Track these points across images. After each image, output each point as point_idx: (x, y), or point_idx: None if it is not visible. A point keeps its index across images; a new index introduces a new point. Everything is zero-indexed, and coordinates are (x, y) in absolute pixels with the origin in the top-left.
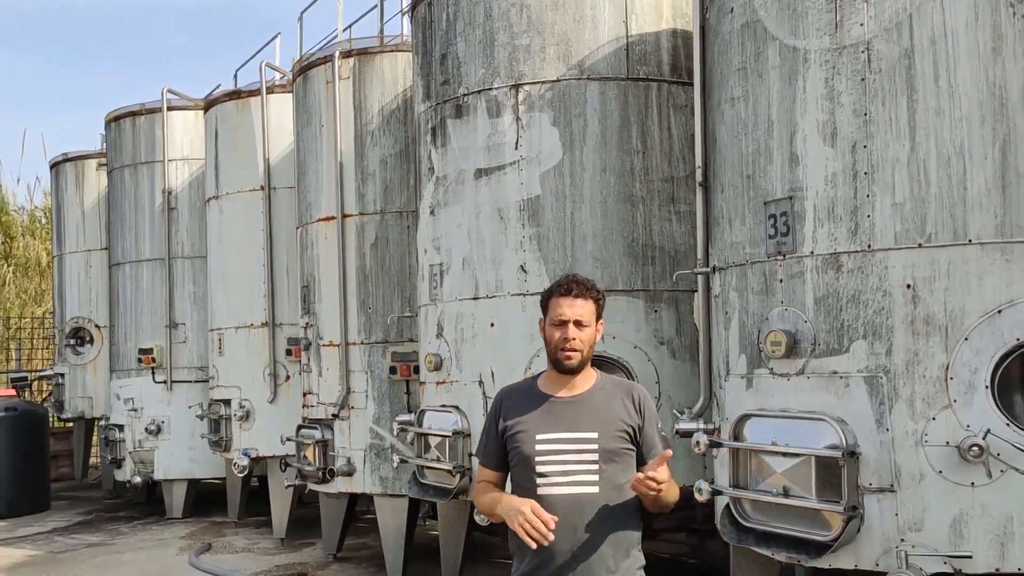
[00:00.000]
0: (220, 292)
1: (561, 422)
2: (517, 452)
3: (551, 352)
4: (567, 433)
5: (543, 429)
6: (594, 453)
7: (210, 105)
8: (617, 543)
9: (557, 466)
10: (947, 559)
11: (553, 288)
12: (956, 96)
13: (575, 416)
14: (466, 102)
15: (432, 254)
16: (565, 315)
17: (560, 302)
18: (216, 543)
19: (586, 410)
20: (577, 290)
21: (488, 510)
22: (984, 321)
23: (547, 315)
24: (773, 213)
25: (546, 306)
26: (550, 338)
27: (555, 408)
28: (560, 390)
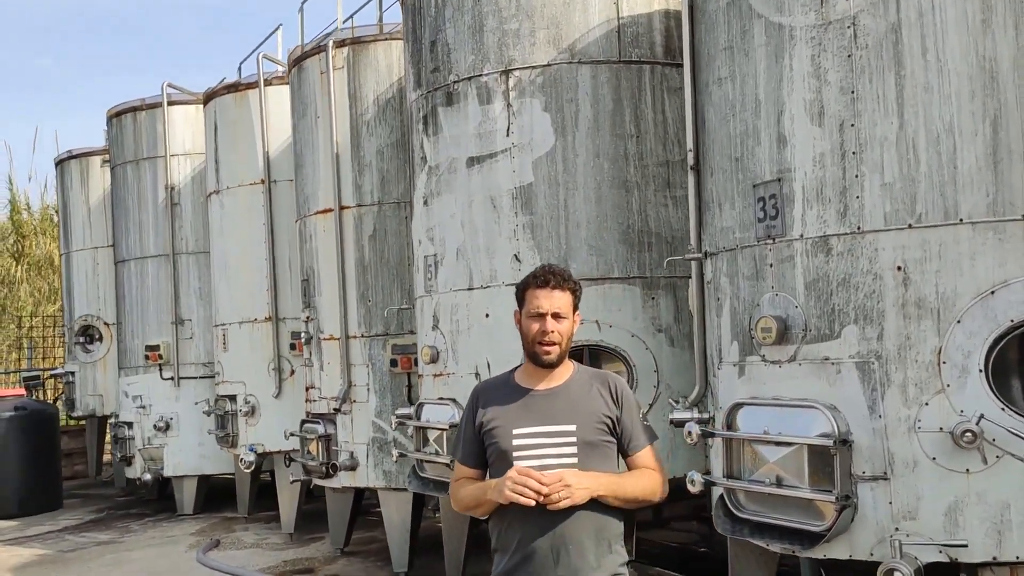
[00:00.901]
0: (223, 287)
1: (538, 415)
2: (495, 447)
3: (528, 346)
4: (544, 426)
5: (520, 423)
6: (572, 446)
7: (208, 99)
8: (599, 538)
9: (535, 460)
10: (942, 548)
11: (529, 279)
12: (945, 71)
13: (552, 409)
14: (456, 89)
15: (426, 245)
16: (543, 307)
17: (537, 294)
18: (225, 539)
19: (563, 402)
20: (554, 281)
21: (475, 501)
22: (977, 303)
23: (523, 307)
24: (762, 196)
25: (522, 298)
26: (527, 331)
27: (532, 401)
28: (537, 383)
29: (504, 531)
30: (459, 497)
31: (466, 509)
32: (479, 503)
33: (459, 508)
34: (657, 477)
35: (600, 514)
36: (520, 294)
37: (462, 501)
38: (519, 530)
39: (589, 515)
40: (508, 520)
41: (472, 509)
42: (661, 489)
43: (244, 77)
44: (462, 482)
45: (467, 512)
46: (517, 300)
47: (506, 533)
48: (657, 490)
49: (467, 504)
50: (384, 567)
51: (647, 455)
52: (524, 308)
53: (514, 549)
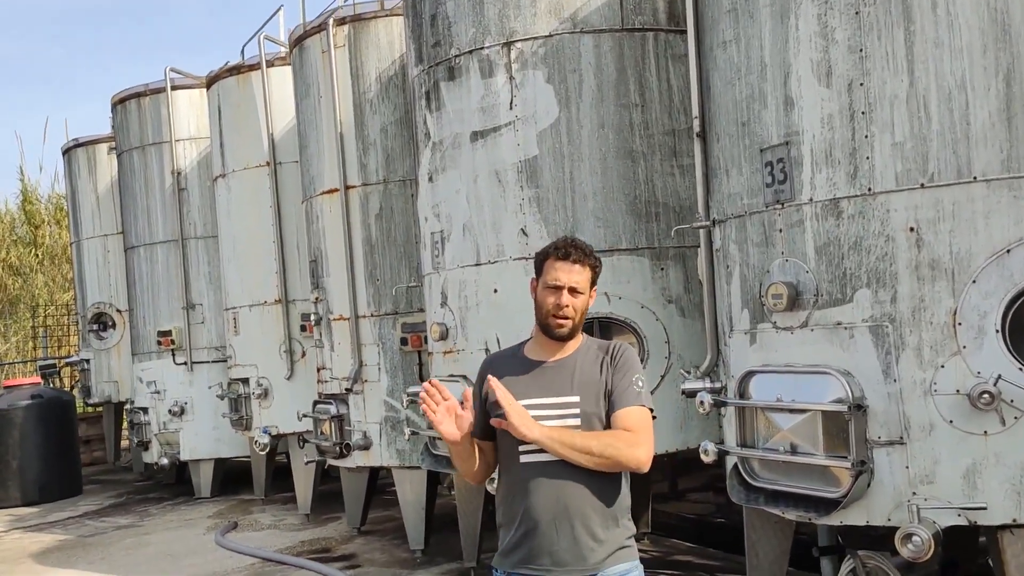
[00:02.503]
0: (232, 271)
1: (544, 387)
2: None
3: (542, 317)
4: (549, 398)
5: (524, 395)
6: (576, 418)
7: (211, 82)
8: (604, 511)
9: None
10: (961, 511)
11: (550, 250)
12: (956, 25)
13: (558, 380)
14: (458, 63)
15: (432, 221)
16: (561, 280)
17: (556, 266)
18: (243, 521)
19: (568, 373)
20: (576, 255)
21: (459, 461)
22: (992, 262)
23: (541, 277)
24: (770, 160)
25: (540, 267)
26: (542, 302)
27: (540, 373)
28: (547, 355)
29: (507, 506)
30: (457, 465)
31: (466, 472)
32: (459, 458)
33: (464, 474)
34: (628, 437)
35: (605, 486)
36: (539, 263)
37: (459, 467)
38: (520, 504)
39: (593, 486)
40: (510, 494)
41: (466, 468)
42: (635, 454)
43: (246, 59)
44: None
45: (469, 476)
46: (536, 268)
47: (508, 507)
48: (627, 452)
49: (461, 468)
50: (401, 545)
51: (626, 415)
52: (541, 278)
53: (517, 524)
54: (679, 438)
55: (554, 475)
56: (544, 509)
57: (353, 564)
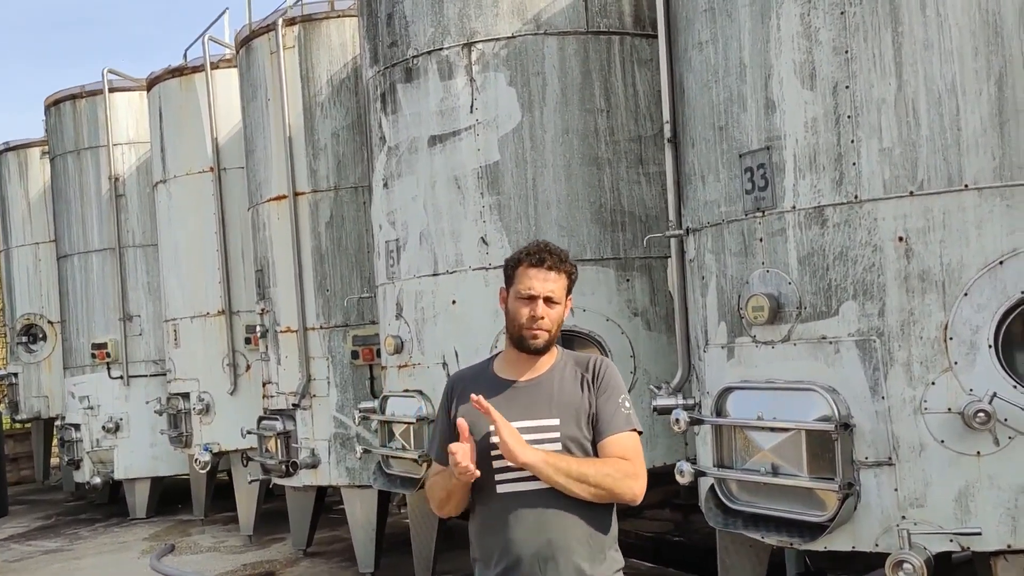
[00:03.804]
0: (173, 281)
1: (519, 409)
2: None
3: (514, 330)
4: (525, 421)
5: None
6: (556, 442)
7: (152, 84)
8: (591, 543)
9: None
10: (953, 536)
11: (522, 256)
12: (946, 26)
13: (533, 401)
14: (416, 64)
15: (387, 229)
16: (535, 290)
17: (530, 273)
18: (181, 543)
19: (545, 394)
20: (551, 261)
21: (445, 492)
22: (985, 274)
23: (512, 286)
24: (749, 166)
25: (511, 275)
26: (515, 314)
27: (512, 394)
28: (518, 373)
29: (483, 539)
30: (431, 494)
31: (441, 506)
32: (449, 493)
33: (435, 508)
34: (625, 467)
35: (592, 516)
36: (510, 271)
37: (435, 497)
38: (500, 538)
39: (579, 517)
40: (487, 527)
41: (446, 503)
42: (631, 485)
43: (190, 61)
44: (432, 479)
45: (443, 511)
46: (506, 276)
47: (486, 540)
48: (624, 484)
49: (439, 499)
50: (350, 568)
51: (617, 442)
52: (513, 287)
53: (497, 559)
54: (645, 456)
55: (537, 505)
56: (526, 543)
57: None
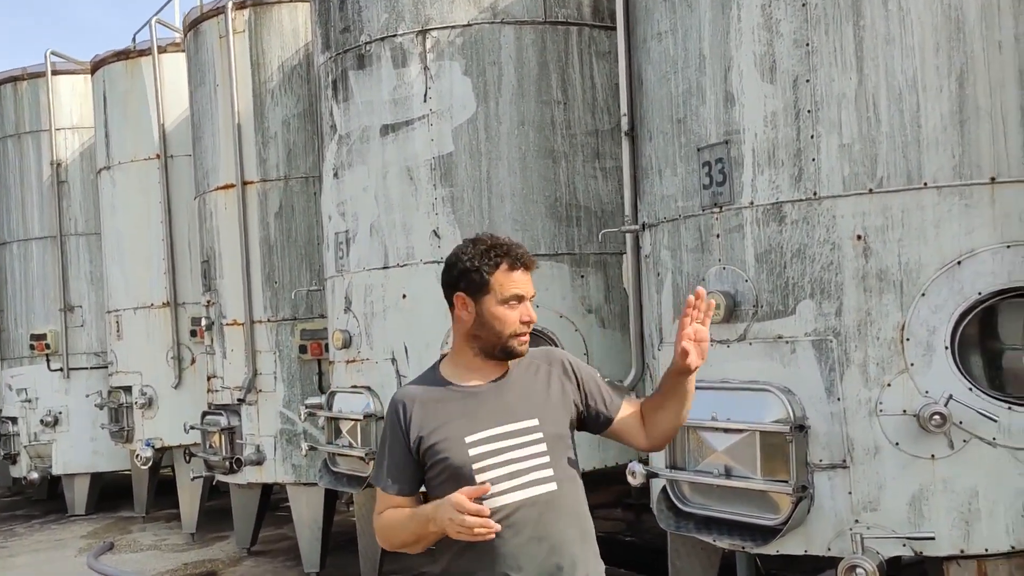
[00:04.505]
0: (116, 271)
1: (491, 415)
2: (445, 465)
3: (501, 338)
4: (506, 425)
5: (470, 429)
6: (540, 443)
7: (96, 67)
8: (587, 544)
9: (502, 468)
10: (906, 541)
11: (495, 259)
12: (907, 21)
13: (505, 404)
14: (368, 51)
15: (337, 220)
16: (523, 291)
17: (515, 277)
18: (120, 541)
19: (516, 394)
20: (527, 259)
21: (414, 536)
22: (942, 274)
23: (486, 292)
24: (707, 160)
25: (486, 282)
26: (503, 321)
27: (479, 400)
28: (480, 378)
29: (464, 553)
30: (390, 534)
31: (405, 546)
32: (418, 538)
33: (393, 546)
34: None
35: (584, 518)
36: (480, 276)
37: (396, 538)
38: (491, 555)
39: (576, 522)
40: (469, 549)
41: (413, 545)
42: None
43: (137, 44)
44: (390, 514)
45: (406, 549)
46: (470, 282)
47: (469, 557)
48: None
49: (403, 541)
50: (294, 567)
51: (629, 405)
52: (490, 294)
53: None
54: (598, 456)
55: (531, 513)
56: (527, 556)
57: None
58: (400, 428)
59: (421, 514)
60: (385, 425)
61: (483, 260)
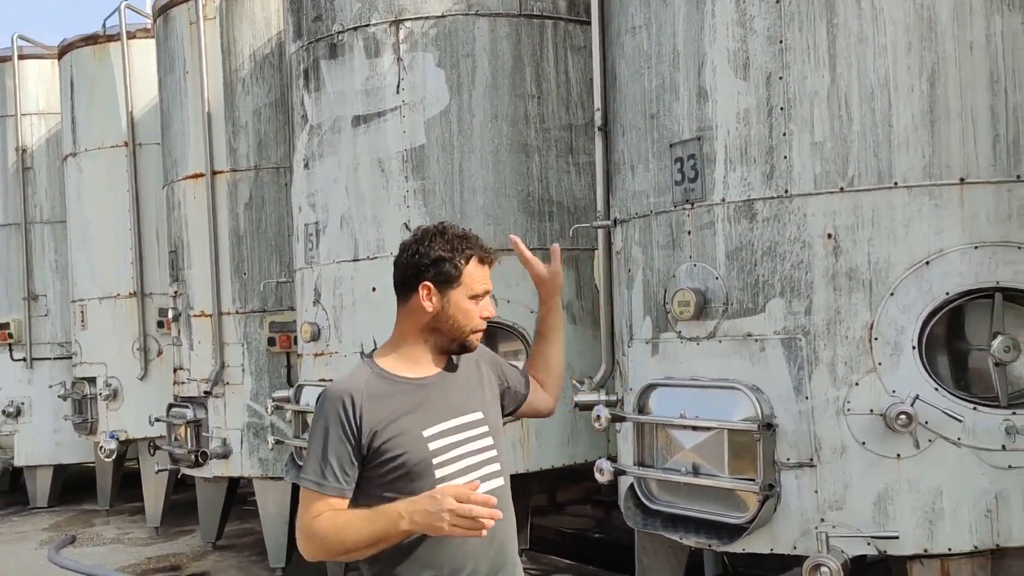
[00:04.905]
0: (82, 259)
1: (443, 408)
2: (403, 461)
3: (464, 333)
4: (456, 419)
5: (426, 423)
6: (487, 436)
7: (64, 52)
8: (516, 545)
9: (457, 463)
10: (871, 540)
11: (468, 251)
12: (880, 20)
13: (452, 396)
14: (341, 41)
15: (307, 212)
16: (488, 285)
17: (483, 272)
18: (83, 534)
19: (460, 387)
20: (492, 254)
21: (373, 538)
22: (911, 274)
23: (456, 286)
24: (680, 156)
25: (457, 275)
26: (466, 315)
27: (426, 394)
28: (424, 371)
29: (414, 554)
30: (336, 538)
31: (348, 552)
32: (379, 541)
33: (331, 553)
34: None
35: (514, 512)
36: (450, 268)
37: (346, 542)
38: (450, 549)
39: (512, 518)
40: (431, 538)
41: (361, 551)
42: None
43: (106, 29)
44: (330, 516)
45: (347, 558)
46: (438, 273)
47: (431, 554)
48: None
49: (354, 545)
50: (260, 562)
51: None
52: (462, 287)
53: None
54: (567, 452)
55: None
56: (482, 555)
57: None
58: (348, 424)
59: (387, 513)
60: (322, 421)
61: (456, 251)
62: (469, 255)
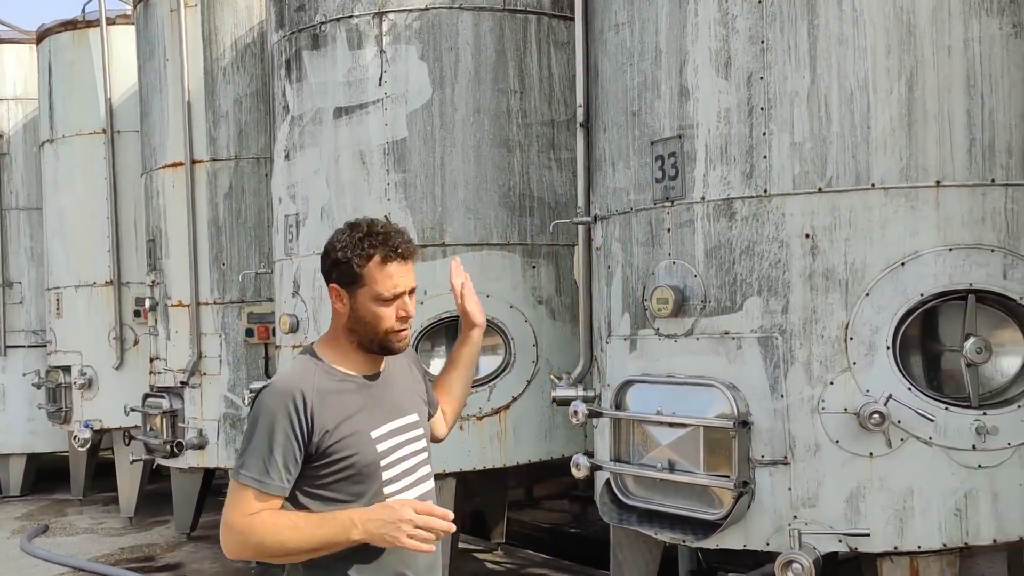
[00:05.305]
0: (58, 247)
1: (387, 409)
2: (351, 462)
3: (376, 335)
4: (395, 421)
5: (373, 423)
6: (422, 440)
7: (42, 37)
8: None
9: (399, 465)
10: (843, 537)
11: (369, 251)
12: (861, 22)
13: (392, 397)
14: (323, 31)
15: (287, 203)
16: (401, 286)
17: (389, 271)
18: (56, 524)
19: (399, 387)
20: (407, 249)
21: (317, 544)
22: (887, 275)
23: (360, 286)
24: (661, 154)
25: (358, 274)
26: (376, 318)
27: (371, 393)
28: (366, 369)
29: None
30: (275, 539)
31: (287, 554)
32: (324, 547)
33: (265, 554)
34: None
35: None
36: (353, 267)
37: (285, 543)
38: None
39: None
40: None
41: (302, 554)
42: None
43: (85, 15)
44: (270, 516)
45: (279, 560)
46: (341, 273)
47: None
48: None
49: (295, 548)
50: None
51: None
52: (364, 288)
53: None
54: (544, 447)
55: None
56: (417, 558)
57: (178, 575)
58: (297, 422)
59: (339, 520)
60: (268, 417)
61: (355, 251)
62: (369, 255)
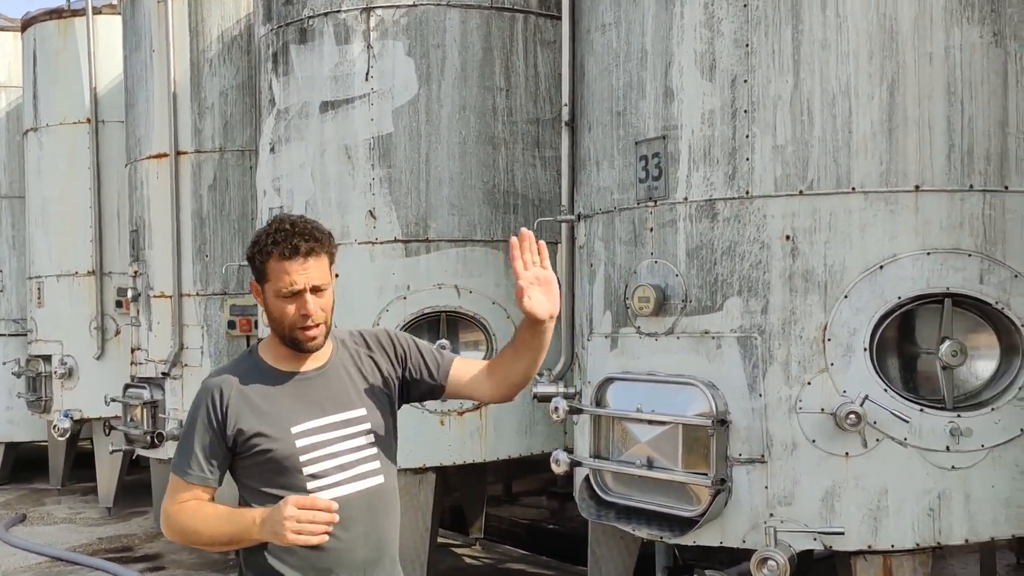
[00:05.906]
0: (40, 236)
1: (317, 403)
2: (269, 457)
3: (284, 331)
4: (335, 415)
5: (298, 418)
6: (367, 434)
7: (27, 24)
8: (397, 540)
9: (329, 461)
10: (817, 535)
11: (269, 247)
12: (844, 28)
13: (331, 391)
14: (311, 26)
15: (272, 196)
16: (298, 283)
17: (285, 267)
18: (33, 513)
19: (340, 382)
20: (307, 246)
21: (227, 538)
22: (865, 277)
23: (265, 282)
24: (644, 154)
25: (262, 269)
26: (280, 314)
27: (303, 387)
28: (301, 363)
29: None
30: (195, 528)
31: (206, 545)
32: (232, 542)
33: (189, 541)
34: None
35: (397, 514)
36: (259, 263)
37: (203, 534)
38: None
39: (395, 519)
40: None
41: (219, 546)
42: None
43: (71, 3)
44: (194, 505)
45: (208, 550)
46: (254, 269)
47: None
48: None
49: (211, 540)
50: None
51: (466, 365)
52: (268, 284)
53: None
54: (523, 443)
55: (361, 508)
56: (352, 552)
57: (157, 566)
58: (213, 417)
59: (242, 519)
60: (192, 411)
61: (260, 247)
62: (269, 252)
